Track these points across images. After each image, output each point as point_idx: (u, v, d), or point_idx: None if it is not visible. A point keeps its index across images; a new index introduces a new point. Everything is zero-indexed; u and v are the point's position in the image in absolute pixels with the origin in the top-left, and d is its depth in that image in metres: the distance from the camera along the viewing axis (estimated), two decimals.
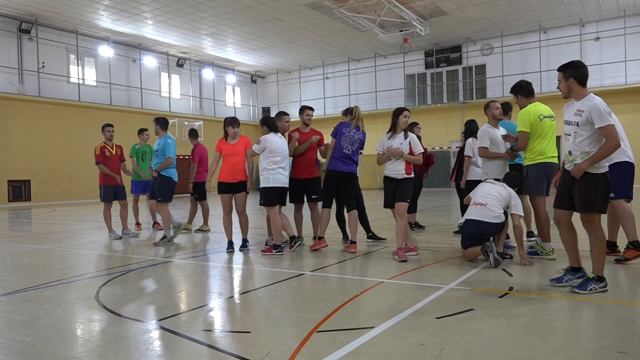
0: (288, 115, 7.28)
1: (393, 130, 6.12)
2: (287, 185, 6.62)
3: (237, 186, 6.71)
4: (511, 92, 5.94)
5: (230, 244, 6.81)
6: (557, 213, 4.36)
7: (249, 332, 3.35)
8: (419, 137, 8.68)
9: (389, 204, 6.07)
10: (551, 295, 4.11)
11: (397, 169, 6.00)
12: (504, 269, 5.07)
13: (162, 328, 3.47)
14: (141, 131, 9.97)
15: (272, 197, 6.45)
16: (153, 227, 9.79)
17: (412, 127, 8.67)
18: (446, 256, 6.07)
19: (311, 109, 7.22)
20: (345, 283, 4.86)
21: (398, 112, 6.13)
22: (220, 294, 4.60)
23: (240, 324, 3.60)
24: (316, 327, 3.33)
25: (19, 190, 20.14)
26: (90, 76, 23.06)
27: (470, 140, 7.90)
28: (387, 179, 6.09)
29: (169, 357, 2.95)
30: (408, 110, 6.24)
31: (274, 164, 6.41)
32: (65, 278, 5.33)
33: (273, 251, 6.33)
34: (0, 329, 3.51)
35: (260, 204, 6.51)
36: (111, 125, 8.88)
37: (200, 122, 26.62)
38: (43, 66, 20.79)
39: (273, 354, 2.88)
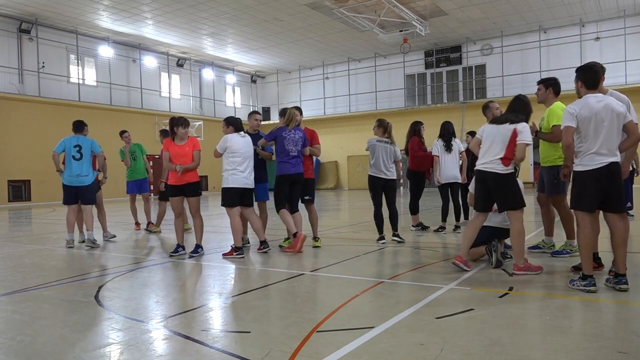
0: (260, 114, 7.25)
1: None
2: (248, 187, 6.41)
3: (187, 188, 6.50)
4: (541, 83, 5.75)
5: (179, 247, 6.51)
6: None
7: (249, 332, 3.35)
8: (422, 138, 8.72)
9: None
10: (551, 295, 4.11)
11: None
12: (504, 269, 5.07)
13: (162, 328, 3.48)
14: (121, 133, 9.96)
15: (229, 198, 6.32)
16: (147, 227, 9.88)
17: (416, 125, 8.71)
18: (446, 256, 6.07)
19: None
20: (345, 283, 4.86)
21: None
22: (220, 294, 4.60)
23: (240, 324, 3.59)
24: (316, 327, 3.33)
25: (19, 190, 20.16)
26: (90, 76, 23.06)
27: (436, 141, 8.43)
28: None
29: (169, 357, 2.95)
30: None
31: (233, 165, 6.27)
32: (65, 278, 5.33)
33: (234, 254, 6.22)
34: (0, 329, 3.51)
35: (221, 204, 6.43)
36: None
37: (200, 122, 26.61)
38: (43, 66, 20.79)
39: (273, 354, 2.88)
